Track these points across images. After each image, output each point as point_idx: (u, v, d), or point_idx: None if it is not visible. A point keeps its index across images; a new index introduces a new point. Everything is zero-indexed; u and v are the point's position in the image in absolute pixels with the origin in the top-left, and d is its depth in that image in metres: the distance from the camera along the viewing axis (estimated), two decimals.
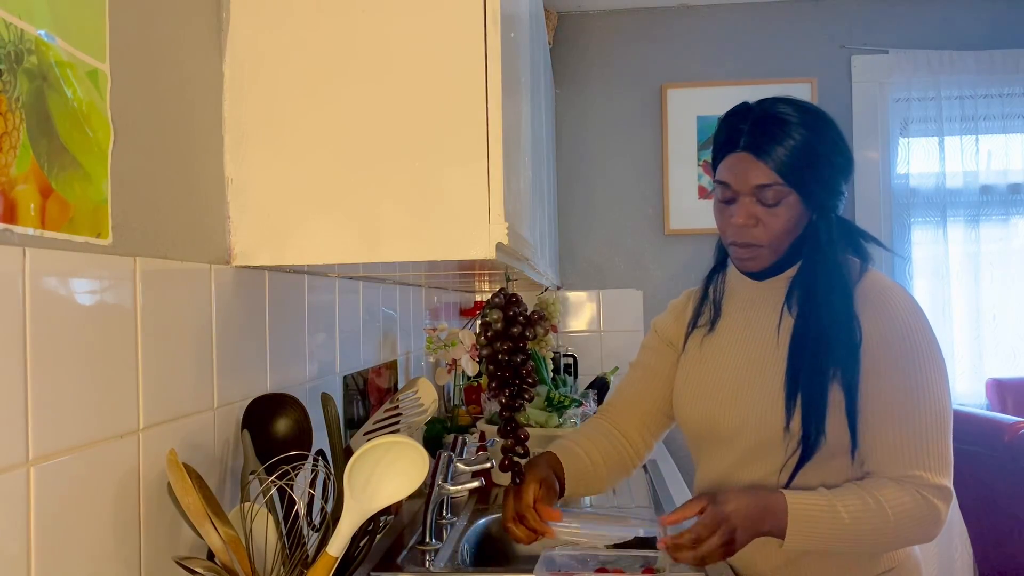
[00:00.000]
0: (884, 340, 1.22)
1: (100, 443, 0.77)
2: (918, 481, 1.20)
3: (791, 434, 1.23)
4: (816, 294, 1.25)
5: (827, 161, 1.23)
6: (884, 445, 1.22)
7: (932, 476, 1.20)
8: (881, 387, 1.22)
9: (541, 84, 2.06)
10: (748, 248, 1.26)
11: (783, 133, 1.21)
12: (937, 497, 1.20)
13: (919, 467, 1.20)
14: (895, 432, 1.21)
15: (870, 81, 3.34)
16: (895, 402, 1.21)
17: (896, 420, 1.21)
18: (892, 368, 1.21)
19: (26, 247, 0.68)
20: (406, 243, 1.00)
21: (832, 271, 1.25)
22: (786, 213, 1.23)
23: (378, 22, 1.01)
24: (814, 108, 1.27)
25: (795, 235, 1.25)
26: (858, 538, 1.18)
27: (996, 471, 2.46)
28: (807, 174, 1.21)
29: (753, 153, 1.22)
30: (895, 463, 1.21)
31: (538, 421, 2.03)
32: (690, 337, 1.40)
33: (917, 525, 1.20)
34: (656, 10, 3.40)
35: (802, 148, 1.21)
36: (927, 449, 1.21)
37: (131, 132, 0.83)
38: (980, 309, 3.31)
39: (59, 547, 0.72)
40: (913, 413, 1.21)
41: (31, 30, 0.69)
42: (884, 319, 1.22)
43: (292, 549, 0.94)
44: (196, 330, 0.96)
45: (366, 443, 0.86)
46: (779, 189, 1.21)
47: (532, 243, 1.50)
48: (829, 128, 1.26)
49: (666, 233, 3.40)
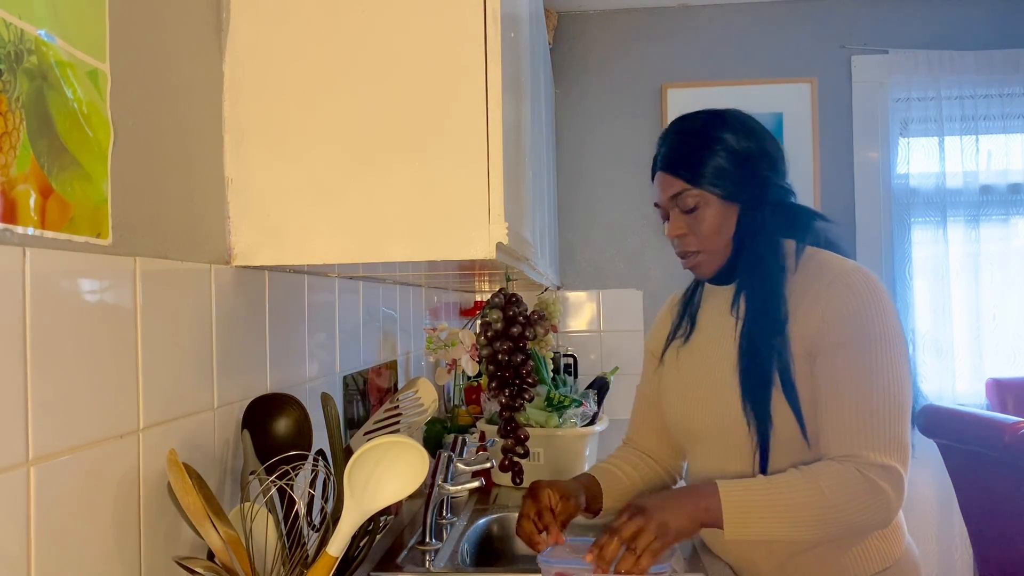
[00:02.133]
0: (835, 320, 1.22)
1: (100, 443, 0.77)
2: (860, 460, 1.17)
3: (752, 430, 1.26)
4: (747, 290, 1.29)
5: (734, 156, 1.28)
6: (830, 424, 1.21)
7: (876, 455, 1.17)
8: (832, 366, 1.21)
9: (541, 84, 2.06)
10: (689, 257, 1.34)
11: (683, 142, 1.32)
12: (881, 477, 1.16)
13: (863, 446, 1.18)
14: (841, 411, 1.20)
15: (870, 81, 3.33)
16: (843, 380, 1.20)
17: (843, 399, 1.20)
18: (842, 347, 1.21)
19: (26, 247, 0.68)
20: (406, 243, 1.00)
21: (757, 262, 1.28)
22: (707, 215, 1.29)
23: (378, 22, 1.01)
24: (718, 111, 1.34)
25: (727, 234, 1.30)
26: (796, 522, 1.16)
27: (996, 471, 2.45)
28: (714, 173, 1.28)
29: (663, 169, 1.33)
30: (840, 442, 1.19)
31: (538, 421, 2.03)
32: (668, 350, 1.45)
33: (860, 506, 1.16)
34: (656, 10, 3.40)
35: (702, 149, 1.29)
36: (873, 428, 1.18)
37: (131, 132, 0.83)
38: (980, 309, 3.30)
39: (59, 547, 0.72)
40: (860, 391, 1.19)
41: (31, 30, 0.69)
42: (836, 299, 1.22)
43: (292, 549, 0.94)
44: (196, 330, 0.96)
45: (366, 443, 0.86)
46: (690, 193, 1.29)
47: (532, 243, 1.50)
48: (732, 125, 1.30)
49: (666, 233, 3.39)
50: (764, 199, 1.29)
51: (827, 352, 1.22)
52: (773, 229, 1.30)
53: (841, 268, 1.27)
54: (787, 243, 1.32)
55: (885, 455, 1.17)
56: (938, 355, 3.26)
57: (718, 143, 1.29)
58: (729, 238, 1.30)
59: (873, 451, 1.17)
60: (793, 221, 1.32)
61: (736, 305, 1.32)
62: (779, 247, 1.30)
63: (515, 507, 1.79)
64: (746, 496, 1.17)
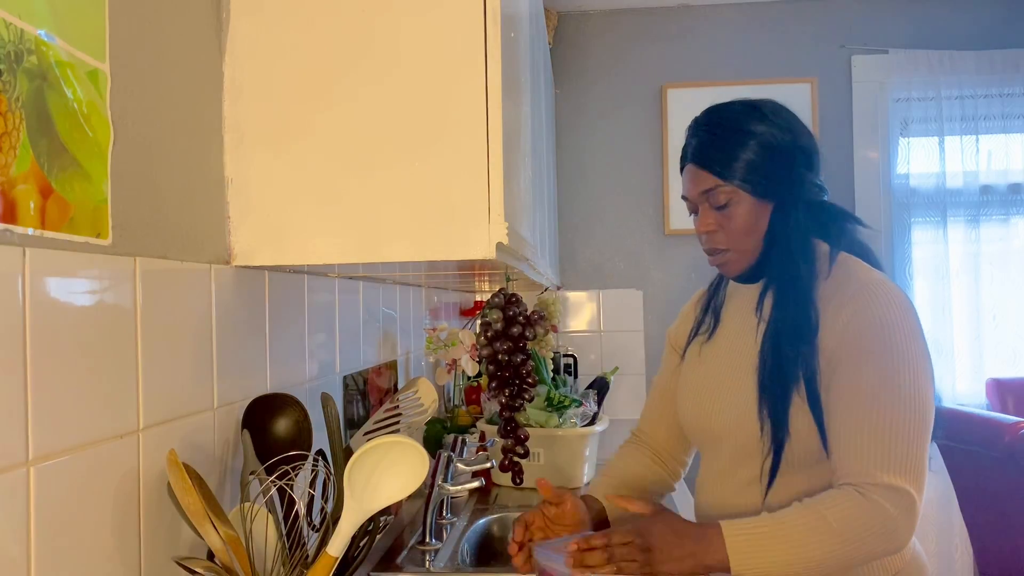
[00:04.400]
0: (858, 332, 1.16)
1: (100, 443, 0.77)
2: (869, 479, 1.11)
3: (766, 435, 1.21)
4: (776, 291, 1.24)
5: (769, 151, 1.22)
6: (843, 439, 1.15)
7: (886, 475, 1.10)
8: (850, 381, 1.15)
9: (541, 84, 2.06)
10: (717, 254, 1.28)
11: (719, 135, 1.24)
12: (885, 498, 1.09)
13: (875, 464, 1.11)
14: (854, 426, 1.13)
15: (870, 81, 3.34)
16: (860, 395, 1.14)
17: (857, 414, 1.14)
18: (862, 361, 1.15)
19: (26, 247, 0.68)
20: (406, 243, 1.00)
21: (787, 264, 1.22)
22: (739, 212, 1.23)
23: (378, 22, 1.01)
24: (753, 102, 1.27)
25: (759, 233, 1.24)
26: (809, 559, 1.09)
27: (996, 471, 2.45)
28: (748, 169, 1.21)
29: (696, 163, 1.26)
30: (851, 458, 1.13)
31: (538, 421, 2.03)
32: (691, 345, 1.41)
33: (868, 532, 1.09)
34: (656, 10, 3.40)
35: (738, 144, 1.22)
36: (887, 446, 1.11)
37: (131, 132, 0.83)
38: (980, 309, 3.31)
39: (59, 547, 0.72)
40: (876, 408, 1.13)
41: (31, 30, 0.69)
42: (860, 311, 1.17)
43: (292, 549, 0.94)
44: (196, 330, 0.96)
45: (366, 443, 0.86)
46: (723, 190, 1.23)
47: (532, 243, 1.50)
48: (767, 118, 1.24)
49: (666, 233, 3.40)
50: (799, 197, 1.23)
51: (847, 364, 1.16)
52: (807, 229, 1.24)
53: (868, 278, 1.21)
54: (820, 245, 1.26)
55: (897, 476, 1.11)
56: (938, 355, 3.26)
57: (752, 137, 1.22)
58: (760, 237, 1.24)
59: (884, 471, 1.11)
60: (828, 222, 1.27)
61: (761, 306, 1.27)
62: (812, 249, 1.24)
63: (515, 507, 1.79)
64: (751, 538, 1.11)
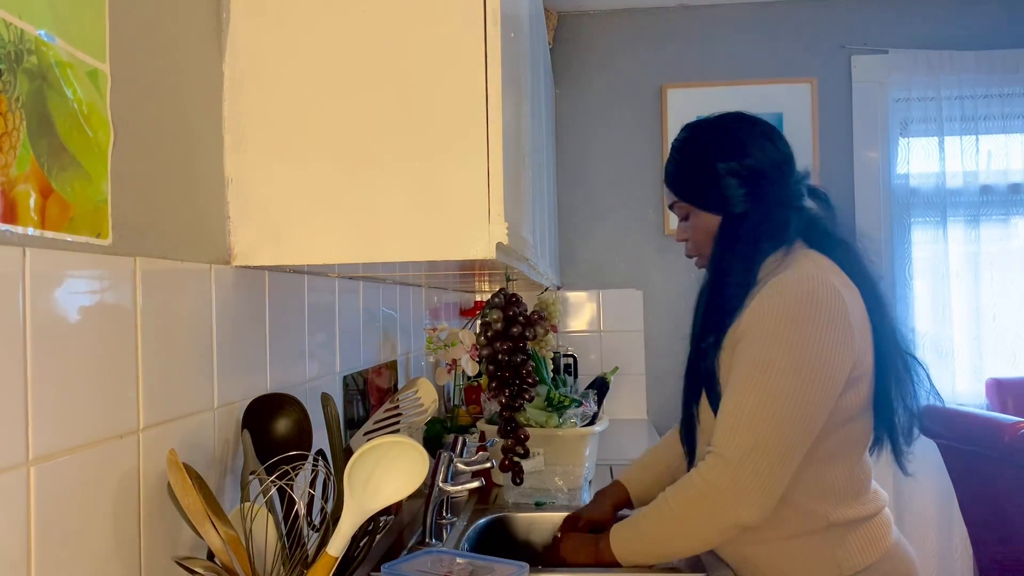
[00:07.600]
0: (748, 323, 1.25)
1: (100, 443, 0.77)
2: (703, 454, 1.26)
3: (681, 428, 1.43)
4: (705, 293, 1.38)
5: (702, 166, 1.37)
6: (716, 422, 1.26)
7: (724, 448, 1.19)
8: (735, 367, 1.24)
9: (541, 84, 2.06)
10: (692, 258, 1.46)
11: (677, 160, 1.43)
12: (710, 466, 1.20)
13: (720, 438, 1.21)
14: (723, 409, 1.24)
15: (870, 81, 3.33)
16: (736, 380, 1.23)
17: (728, 397, 1.23)
18: (745, 348, 1.24)
19: (26, 247, 0.68)
20: (406, 243, 1.00)
21: (717, 269, 1.35)
22: (696, 224, 1.40)
23: (378, 22, 1.01)
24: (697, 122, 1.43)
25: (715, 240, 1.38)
26: (663, 541, 1.26)
27: (996, 471, 2.45)
28: (689, 183, 1.40)
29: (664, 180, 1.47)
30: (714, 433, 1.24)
31: (538, 421, 2.03)
32: None
33: (696, 507, 1.21)
34: (656, 10, 3.39)
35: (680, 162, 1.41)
36: (732, 422, 1.20)
37: (131, 132, 0.83)
38: (980, 309, 3.30)
39: (59, 547, 0.72)
40: (741, 391, 1.21)
41: (31, 30, 0.69)
42: (756, 304, 1.25)
43: (292, 549, 0.94)
44: (196, 330, 0.96)
45: (366, 443, 0.86)
46: (680, 205, 1.42)
47: (532, 243, 1.50)
48: (701, 136, 1.41)
49: (666, 233, 3.39)
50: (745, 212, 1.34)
51: (738, 352, 1.25)
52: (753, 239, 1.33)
53: (786, 273, 1.26)
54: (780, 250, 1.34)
55: (727, 446, 1.19)
56: (938, 355, 3.26)
57: (702, 158, 1.37)
58: None
59: (725, 446, 1.20)
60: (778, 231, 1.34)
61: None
62: (753, 258, 1.32)
63: (515, 507, 1.79)
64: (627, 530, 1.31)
